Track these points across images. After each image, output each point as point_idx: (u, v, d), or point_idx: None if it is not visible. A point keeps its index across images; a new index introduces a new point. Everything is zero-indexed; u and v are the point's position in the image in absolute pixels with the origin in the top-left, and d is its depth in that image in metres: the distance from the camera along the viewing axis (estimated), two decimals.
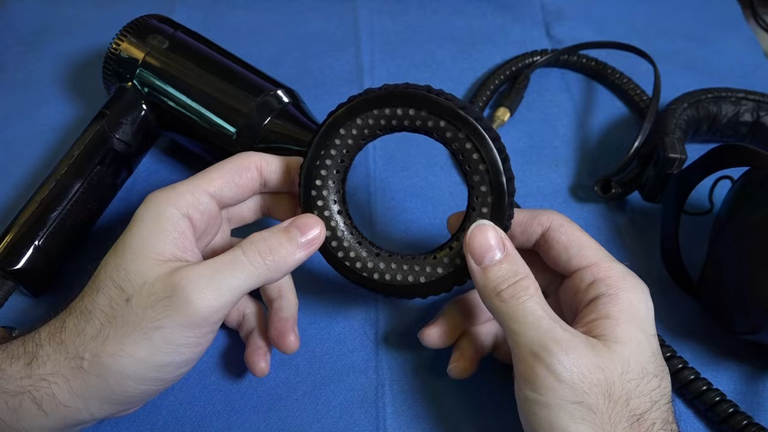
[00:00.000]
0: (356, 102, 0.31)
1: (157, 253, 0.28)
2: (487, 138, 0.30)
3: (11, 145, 0.46)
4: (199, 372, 0.35)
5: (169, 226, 0.28)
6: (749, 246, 0.32)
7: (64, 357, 0.26)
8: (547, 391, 0.26)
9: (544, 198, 0.44)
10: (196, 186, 0.30)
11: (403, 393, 0.35)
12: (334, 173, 0.32)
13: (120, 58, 0.40)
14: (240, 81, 0.39)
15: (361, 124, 0.31)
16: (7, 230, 0.35)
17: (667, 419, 0.27)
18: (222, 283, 0.27)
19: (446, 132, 0.30)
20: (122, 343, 0.26)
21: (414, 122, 0.30)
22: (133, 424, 0.33)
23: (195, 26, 0.43)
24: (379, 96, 0.30)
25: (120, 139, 0.39)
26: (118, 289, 0.27)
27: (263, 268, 0.28)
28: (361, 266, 0.32)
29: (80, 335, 0.27)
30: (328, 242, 0.32)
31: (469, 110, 0.30)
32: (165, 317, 0.26)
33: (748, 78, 0.53)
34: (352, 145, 0.31)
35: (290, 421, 0.33)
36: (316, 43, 0.54)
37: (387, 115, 0.31)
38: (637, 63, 0.49)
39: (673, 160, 0.39)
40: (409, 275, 0.31)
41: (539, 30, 0.56)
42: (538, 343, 0.27)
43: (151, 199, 0.29)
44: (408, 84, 0.31)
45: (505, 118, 0.47)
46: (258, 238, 0.29)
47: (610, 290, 0.29)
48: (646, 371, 0.27)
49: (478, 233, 0.29)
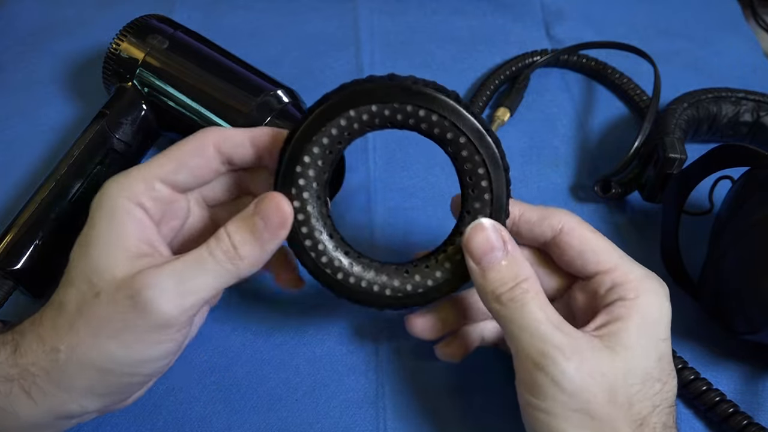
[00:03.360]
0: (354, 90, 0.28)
1: (123, 248, 0.27)
2: (484, 131, 0.28)
3: (11, 145, 0.46)
4: (199, 372, 0.35)
5: (125, 219, 0.27)
6: (749, 246, 0.32)
7: (42, 349, 0.26)
8: (547, 398, 0.26)
9: (544, 198, 0.44)
10: (147, 171, 0.28)
11: (403, 393, 0.35)
12: (319, 164, 0.29)
13: (120, 58, 0.40)
14: (240, 81, 0.39)
15: (354, 116, 0.28)
16: (7, 230, 0.35)
17: (666, 423, 0.26)
18: (186, 286, 0.26)
19: (447, 132, 0.28)
20: (95, 337, 0.26)
21: (407, 120, 0.28)
22: (133, 424, 0.33)
23: (195, 26, 0.43)
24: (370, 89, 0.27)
25: (120, 139, 0.39)
26: (89, 283, 0.27)
27: (233, 269, 0.27)
28: (341, 272, 0.29)
29: (54, 327, 0.27)
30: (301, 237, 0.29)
31: (467, 106, 0.28)
32: (133, 317, 0.26)
33: (748, 78, 0.53)
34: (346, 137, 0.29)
35: (290, 421, 0.33)
36: (316, 43, 0.53)
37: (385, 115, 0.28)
38: (637, 63, 0.49)
39: (673, 160, 0.38)
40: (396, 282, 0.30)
41: (539, 30, 0.56)
42: (537, 349, 0.26)
43: (104, 191, 0.28)
44: (415, 79, 0.28)
45: (505, 118, 0.47)
46: (224, 235, 0.27)
47: (629, 294, 0.28)
48: (649, 375, 0.26)
49: (477, 232, 0.28)
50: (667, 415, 0.27)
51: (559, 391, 0.25)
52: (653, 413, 0.26)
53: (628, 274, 0.29)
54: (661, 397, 0.27)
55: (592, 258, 0.29)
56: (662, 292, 0.29)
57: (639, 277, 0.28)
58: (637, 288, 0.28)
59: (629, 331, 0.27)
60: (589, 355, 0.26)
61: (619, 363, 0.26)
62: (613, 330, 0.27)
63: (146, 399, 0.34)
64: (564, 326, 0.27)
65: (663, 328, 0.28)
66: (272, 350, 0.36)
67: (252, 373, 0.35)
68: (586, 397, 0.25)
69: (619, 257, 0.29)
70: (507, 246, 0.28)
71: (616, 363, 0.26)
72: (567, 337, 0.26)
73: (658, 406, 0.26)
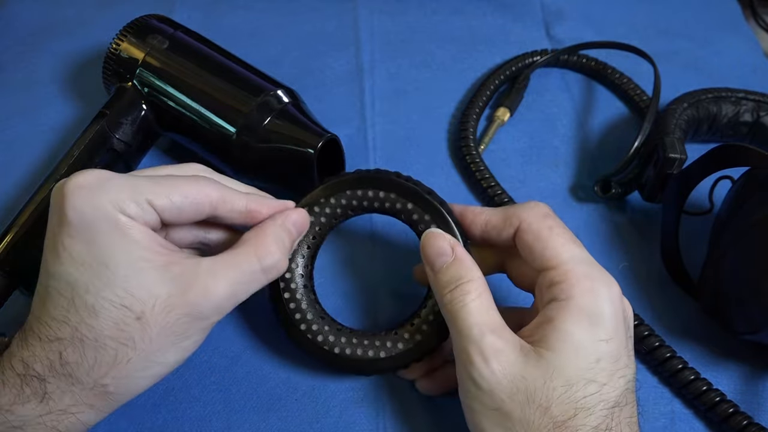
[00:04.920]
0: (331, 183, 0.33)
1: (147, 261, 0.26)
2: (450, 219, 0.32)
3: (11, 145, 0.46)
4: (199, 372, 0.35)
5: (134, 232, 0.26)
6: (749, 246, 0.32)
7: (80, 388, 0.26)
8: (469, 395, 0.28)
9: (544, 198, 0.44)
10: (135, 189, 0.27)
11: (402, 394, 0.35)
12: (305, 249, 0.33)
13: (120, 58, 0.40)
14: (240, 81, 0.39)
15: (334, 204, 0.33)
16: (7, 230, 0.35)
17: (599, 426, 0.26)
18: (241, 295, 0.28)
19: (413, 214, 0.32)
20: (149, 359, 0.26)
21: (383, 204, 0.33)
22: (133, 424, 0.33)
23: (195, 26, 0.43)
24: (353, 179, 0.33)
25: (120, 139, 0.39)
26: (122, 308, 0.25)
27: (272, 276, 0.29)
28: (322, 340, 0.32)
29: (93, 367, 0.26)
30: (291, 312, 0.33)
31: (434, 195, 0.33)
32: (189, 328, 0.27)
33: (748, 78, 0.53)
34: (324, 223, 0.34)
35: (290, 421, 0.33)
36: (316, 43, 0.53)
37: (359, 197, 0.33)
38: (637, 63, 0.49)
39: (673, 160, 0.38)
40: (369, 350, 0.32)
41: (539, 30, 0.56)
42: (464, 350, 0.27)
43: (89, 204, 0.26)
44: (378, 169, 0.34)
45: (505, 118, 0.47)
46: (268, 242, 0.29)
47: (561, 295, 0.27)
48: (579, 377, 0.26)
49: (430, 239, 0.30)
50: (602, 417, 0.26)
51: (478, 390, 0.27)
52: (577, 416, 0.26)
53: (567, 272, 0.28)
54: (595, 399, 0.26)
55: (540, 255, 0.29)
56: (603, 292, 0.28)
57: (577, 276, 0.28)
58: (572, 289, 0.27)
59: (558, 333, 0.27)
60: (512, 358, 0.27)
61: (543, 365, 0.26)
62: (544, 332, 0.27)
63: (146, 399, 0.34)
64: (499, 330, 0.28)
65: (603, 330, 0.27)
66: (272, 350, 0.36)
67: (252, 373, 0.35)
68: (500, 397, 0.26)
69: (567, 255, 0.28)
70: (455, 249, 0.30)
71: (539, 365, 0.26)
72: (498, 340, 0.27)
73: (589, 409, 0.26)
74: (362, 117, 0.48)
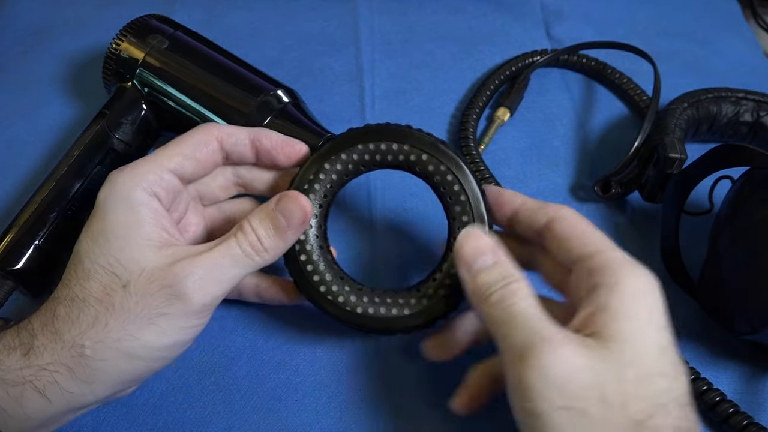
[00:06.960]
0: (340, 138, 0.33)
1: (145, 238, 0.28)
2: (467, 169, 0.31)
3: (11, 145, 0.46)
4: (199, 372, 0.35)
5: (143, 210, 0.29)
6: (749, 246, 0.32)
7: (61, 346, 0.27)
8: (534, 395, 0.24)
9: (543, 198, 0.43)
10: (156, 164, 0.30)
11: (403, 393, 0.35)
12: (317, 207, 0.33)
13: (120, 58, 0.40)
14: (240, 81, 0.39)
15: (345, 159, 0.32)
16: (7, 230, 0.35)
17: (679, 426, 0.24)
18: (219, 275, 0.28)
19: (428, 165, 0.32)
20: (126, 329, 0.27)
21: (397, 157, 0.32)
22: (133, 424, 0.33)
23: (195, 26, 0.43)
24: (363, 132, 0.32)
25: (120, 139, 0.39)
26: (112, 275, 0.27)
27: (258, 260, 0.30)
28: (343, 300, 0.32)
29: (75, 324, 0.27)
30: (309, 275, 0.32)
31: (448, 145, 0.32)
32: (169, 305, 0.27)
33: (748, 78, 0.53)
34: (335, 181, 0.33)
35: (290, 421, 0.33)
36: (316, 43, 0.54)
37: (371, 150, 0.32)
38: (637, 63, 0.49)
39: (673, 160, 0.39)
40: (393, 308, 0.31)
41: (539, 30, 0.56)
42: (525, 343, 0.25)
43: (115, 182, 0.29)
44: (389, 123, 0.33)
45: (505, 118, 0.47)
46: (249, 228, 0.29)
47: (609, 279, 0.26)
48: (651, 371, 0.24)
49: (468, 238, 0.29)
50: (679, 418, 0.24)
51: (546, 387, 0.23)
52: (657, 414, 0.23)
53: (608, 258, 0.27)
54: (668, 396, 0.24)
55: (578, 241, 0.28)
56: (651, 277, 0.26)
57: (620, 261, 0.27)
58: (619, 271, 0.26)
59: (619, 322, 0.25)
60: (578, 349, 0.24)
61: (611, 357, 0.24)
62: (601, 321, 0.25)
63: (146, 399, 0.34)
64: (555, 324, 0.26)
65: (659, 316, 0.25)
66: (272, 350, 0.36)
67: (252, 374, 0.35)
68: (574, 391, 0.23)
69: (606, 243, 0.28)
70: (496, 250, 0.29)
71: (607, 357, 0.24)
72: (557, 332, 0.25)
73: (665, 406, 0.24)
74: (362, 117, 0.48)
